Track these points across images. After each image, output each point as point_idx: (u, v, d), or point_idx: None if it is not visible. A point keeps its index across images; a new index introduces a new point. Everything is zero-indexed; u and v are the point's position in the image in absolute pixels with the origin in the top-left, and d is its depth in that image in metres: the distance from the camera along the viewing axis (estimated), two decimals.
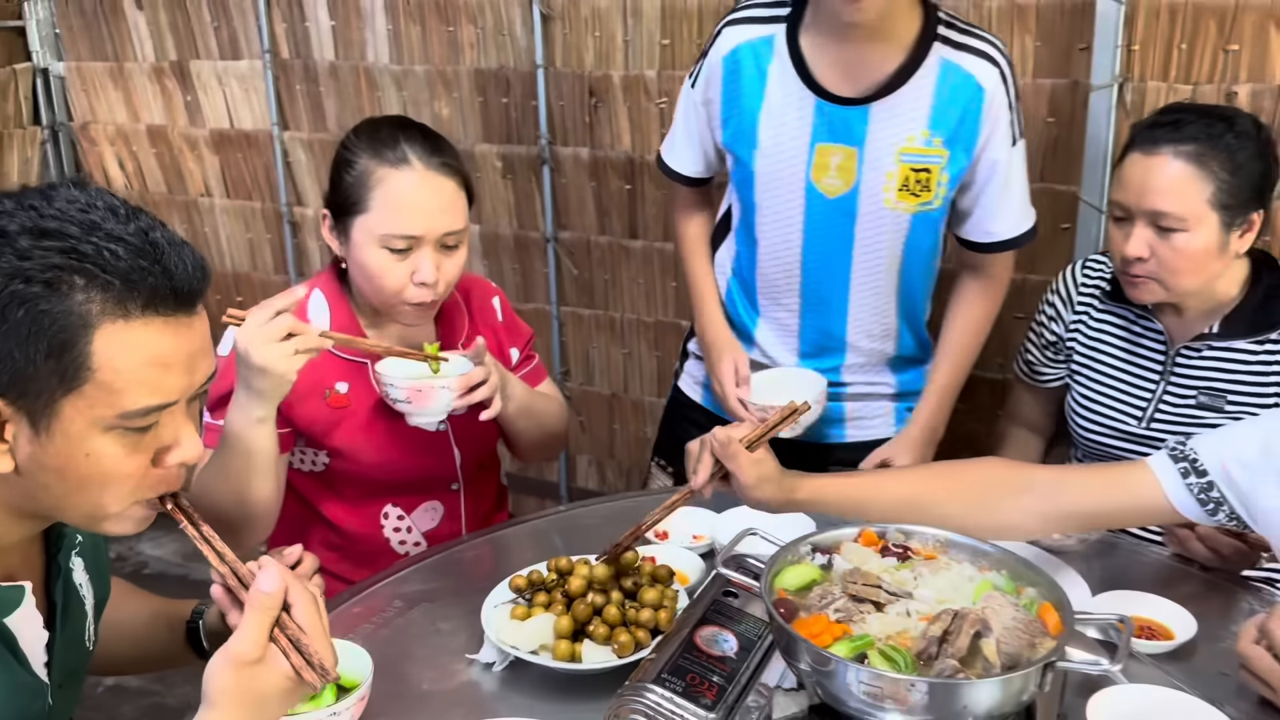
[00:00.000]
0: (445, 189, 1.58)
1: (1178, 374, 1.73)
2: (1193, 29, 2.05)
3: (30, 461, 0.95)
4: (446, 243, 1.58)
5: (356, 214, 1.56)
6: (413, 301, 1.58)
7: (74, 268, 0.91)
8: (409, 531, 1.72)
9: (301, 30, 2.97)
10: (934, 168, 1.73)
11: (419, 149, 1.57)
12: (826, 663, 0.98)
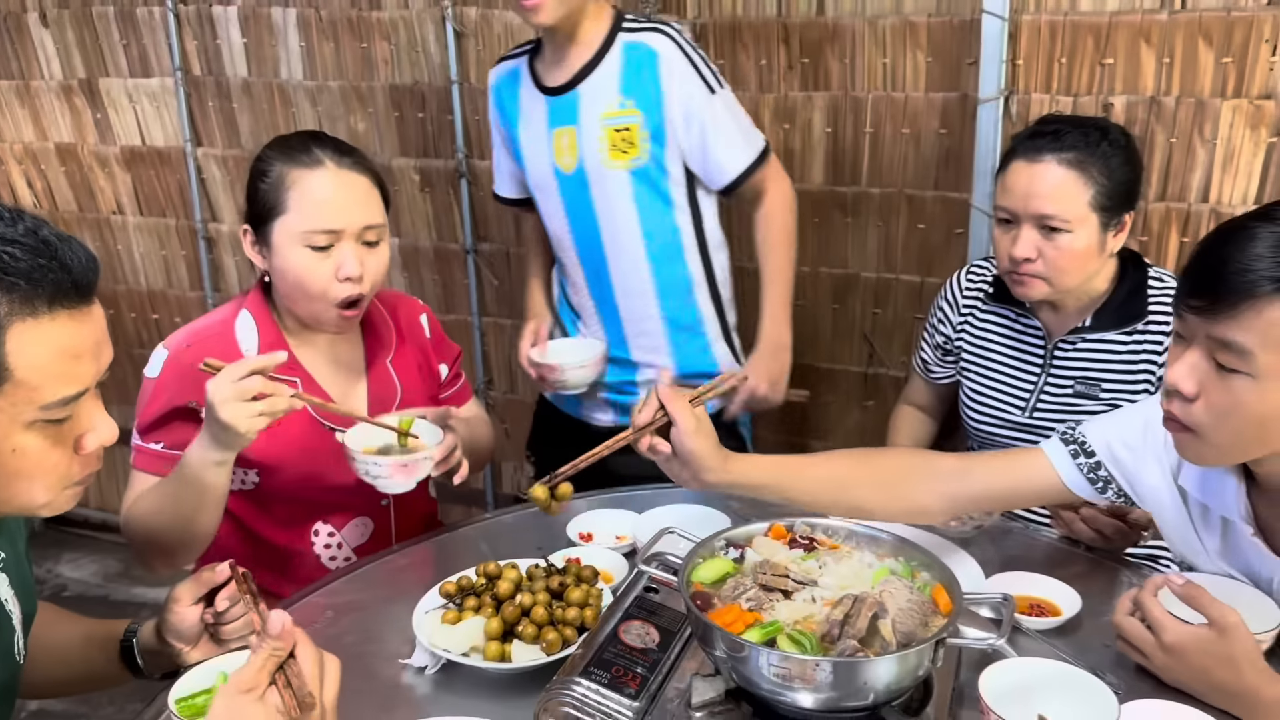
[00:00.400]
0: (359, 184, 1.64)
1: (1056, 366, 1.87)
2: (1071, 44, 2.19)
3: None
4: (367, 238, 1.63)
5: (275, 217, 1.61)
6: (339, 299, 1.61)
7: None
8: (339, 548, 1.76)
9: (213, 47, 2.97)
10: (633, 126, 2.01)
11: (330, 151, 1.63)
12: (740, 648, 1.06)
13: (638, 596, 1.29)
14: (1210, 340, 1.16)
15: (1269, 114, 2.09)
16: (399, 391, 1.77)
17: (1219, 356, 1.16)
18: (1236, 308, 1.13)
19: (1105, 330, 1.83)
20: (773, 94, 2.47)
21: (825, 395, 2.66)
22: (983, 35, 2.20)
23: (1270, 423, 1.16)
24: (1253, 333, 1.13)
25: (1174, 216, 2.21)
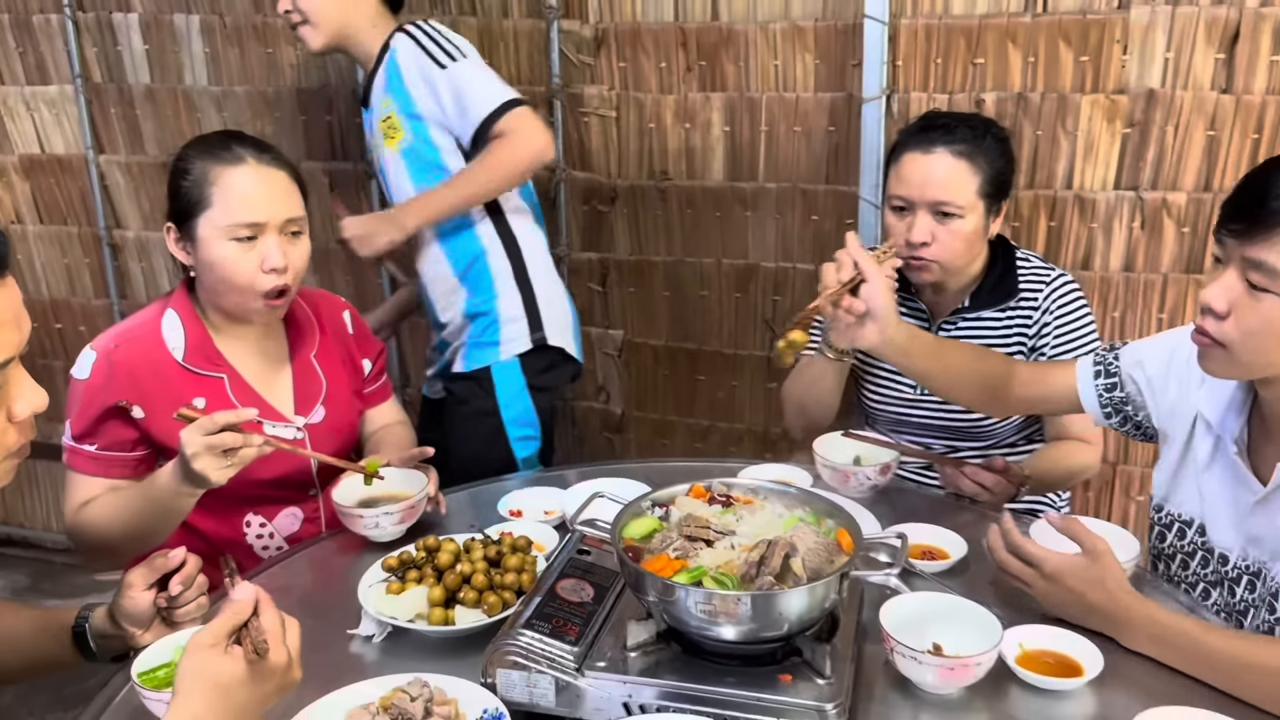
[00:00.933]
0: (279, 179, 1.72)
1: None
2: (946, 45, 2.38)
3: None
4: (289, 230, 1.71)
5: (200, 213, 1.67)
6: (265, 289, 1.69)
7: None
8: (271, 538, 1.82)
9: (114, 54, 2.97)
10: (391, 113, 2.27)
11: (250, 148, 1.71)
12: (670, 591, 1.18)
13: (571, 557, 1.40)
14: (1245, 261, 1.28)
15: (1122, 107, 2.31)
16: (324, 385, 1.84)
17: (1251, 276, 1.28)
18: (1271, 230, 1.26)
19: (982, 309, 2.00)
20: (673, 95, 2.61)
21: (731, 379, 2.80)
22: (865, 38, 2.37)
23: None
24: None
25: (1041, 202, 2.42)
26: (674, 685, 1.19)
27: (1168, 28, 2.24)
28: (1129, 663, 1.34)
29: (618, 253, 2.80)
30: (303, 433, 1.79)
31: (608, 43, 2.62)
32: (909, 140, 1.93)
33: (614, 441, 2.96)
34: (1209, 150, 2.28)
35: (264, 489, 1.79)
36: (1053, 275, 1.98)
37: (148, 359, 1.72)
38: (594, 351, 2.89)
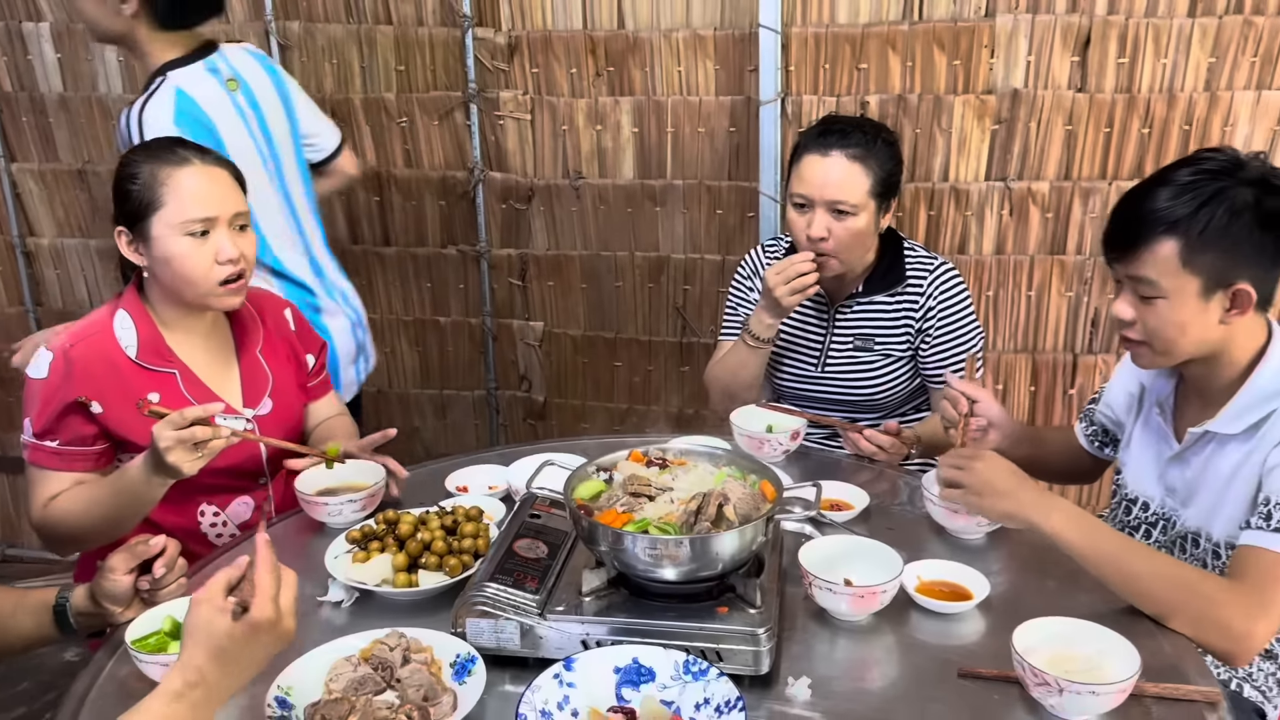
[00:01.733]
0: (223, 176, 1.84)
1: (838, 326, 2.24)
2: (833, 52, 2.60)
3: None
4: (237, 223, 1.83)
5: (152, 213, 1.77)
6: (220, 279, 1.80)
7: None
8: (224, 525, 1.92)
9: (25, 63, 2.99)
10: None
11: (192, 150, 1.83)
12: (620, 539, 1.35)
13: (524, 521, 1.56)
14: (1129, 279, 1.55)
15: (991, 106, 2.56)
16: (270, 379, 1.95)
17: (1139, 289, 1.54)
18: (1137, 250, 1.51)
19: (875, 294, 2.21)
20: (584, 99, 2.77)
21: (646, 365, 2.98)
22: (760, 46, 2.57)
23: (1188, 326, 1.53)
24: (1152, 266, 1.51)
25: (921, 194, 2.66)
26: (626, 622, 1.36)
27: (1029, 34, 2.50)
28: (1008, 589, 1.57)
29: (535, 248, 2.95)
30: (252, 424, 1.89)
31: (520, 49, 2.76)
32: (809, 143, 2.10)
33: (536, 427, 3.11)
34: (1068, 143, 2.56)
35: (216, 478, 1.87)
36: (936, 264, 2.20)
37: (103, 357, 1.80)
38: (515, 342, 3.04)
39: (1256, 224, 1.48)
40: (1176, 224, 1.49)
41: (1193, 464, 1.66)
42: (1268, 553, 1.45)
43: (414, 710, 1.24)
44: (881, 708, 1.33)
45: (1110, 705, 1.26)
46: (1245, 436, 1.57)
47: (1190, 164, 1.54)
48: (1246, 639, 1.41)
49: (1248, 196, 1.48)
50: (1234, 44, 2.41)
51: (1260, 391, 1.56)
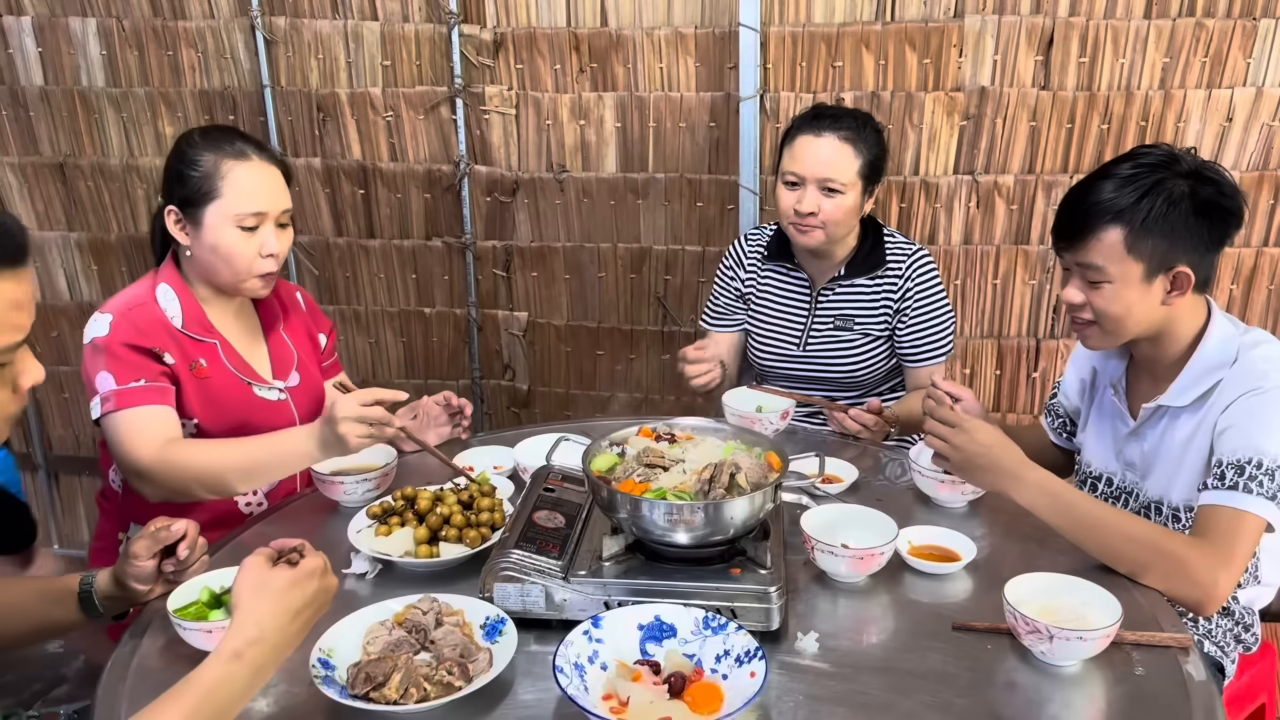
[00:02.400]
0: (277, 175, 1.92)
1: (820, 307, 2.36)
2: (809, 50, 2.70)
3: None
4: (282, 220, 1.91)
5: (209, 201, 1.85)
6: (260, 273, 1.88)
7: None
8: (254, 494, 1.98)
9: (4, 57, 2.99)
10: None
11: (251, 145, 1.90)
12: (639, 506, 1.44)
13: (539, 494, 1.64)
14: (1077, 266, 1.68)
15: (959, 103, 2.68)
16: (294, 354, 2.03)
17: (1086, 275, 1.67)
18: (1085, 239, 1.64)
19: (856, 277, 2.33)
20: (569, 94, 2.84)
21: (628, 353, 3.07)
22: (740, 44, 2.67)
23: (1134, 308, 1.66)
24: (1098, 253, 1.64)
25: (893, 187, 2.78)
26: (645, 584, 1.45)
27: (996, 34, 2.62)
28: (991, 551, 1.68)
29: (520, 240, 3.02)
30: (285, 394, 1.98)
31: (506, 46, 2.83)
32: (802, 125, 2.23)
33: (520, 415, 3.18)
34: (1031, 139, 2.69)
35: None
36: (913, 250, 2.33)
37: (156, 321, 1.88)
38: (499, 332, 3.11)
39: (1192, 212, 1.62)
40: (1120, 214, 1.62)
41: (1149, 438, 1.79)
42: (1225, 509, 1.57)
43: (454, 666, 1.32)
44: (885, 658, 1.43)
45: (1096, 650, 1.38)
46: (1195, 408, 1.70)
47: (1130, 159, 1.68)
48: (1213, 589, 1.53)
49: (1184, 187, 1.62)
50: (1186, 45, 2.55)
51: (1204, 365, 1.69)
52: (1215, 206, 1.63)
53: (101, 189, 3.09)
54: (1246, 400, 1.62)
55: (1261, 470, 1.56)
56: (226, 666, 1.17)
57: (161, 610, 1.50)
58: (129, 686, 1.38)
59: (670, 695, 1.29)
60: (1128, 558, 1.58)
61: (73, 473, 3.46)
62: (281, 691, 1.36)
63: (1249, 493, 1.56)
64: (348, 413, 1.69)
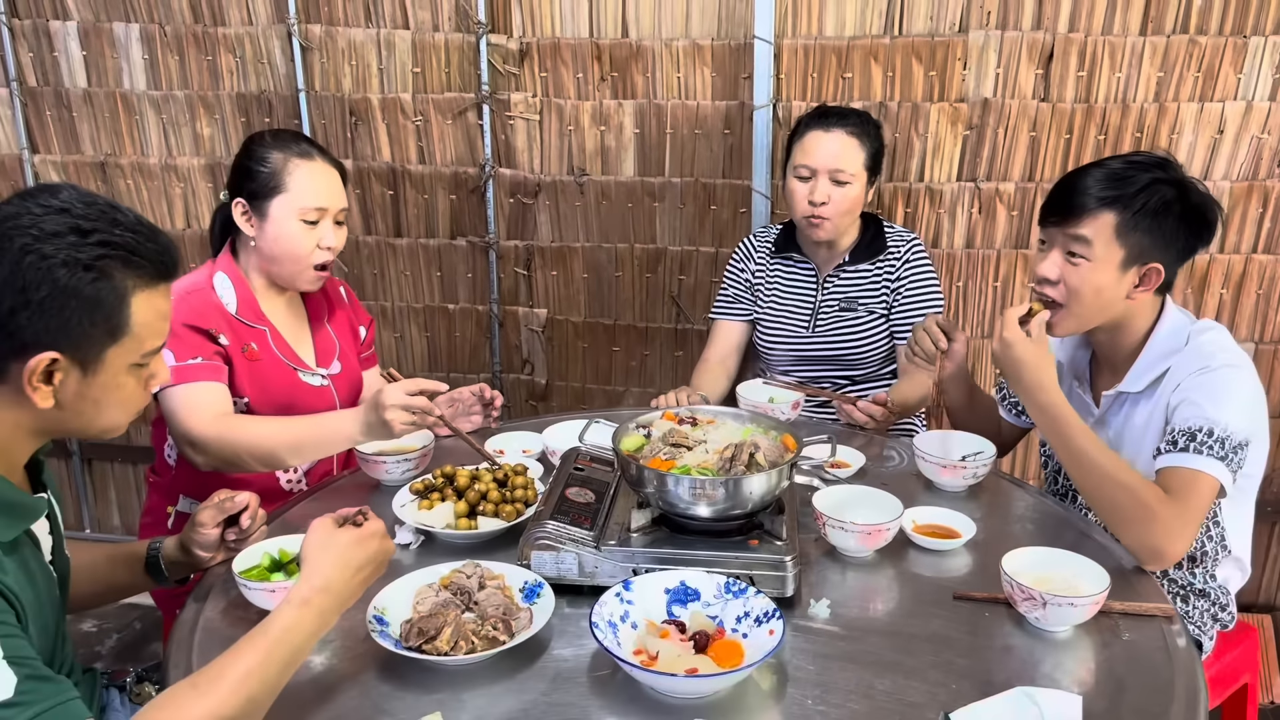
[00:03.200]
0: (336, 176, 2.08)
1: (826, 292, 2.51)
2: (820, 61, 2.83)
3: (75, 398, 1.30)
4: (339, 218, 2.06)
5: (275, 195, 1.99)
6: (318, 264, 2.03)
7: (114, 256, 1.27)
8: (294, 472, 2.11)
9: (50, 59, 3.12)
10: None
11: (314, 147, 2.06)
12: (665, 481, 1.56)
13: (570, 473, 1.76)
14: (1065, 238, 1.80)
15: (963, 113, 2.81)
16: (336, 345, 2.16)
17: (1071, 248, 1.79)
18: (1082, 215, 1.78)
19: (859, 263, 2.49)
20: (590, 102, 2.97)
21: (643, 350, 3.20)
22: (755, 55, 2.80)
23: (1103, 291, 1.80)
24: (1092, 229, 1.77)
25: (899, 193, 2.91)
26: (670, 553, 1.57)
27: (998, 48, 2.75)
28: (989, 530, 1.81)
29: (541, 240, 3.15)
30: (327, 381, 2.11)
31: (531, 55, 2.96)
32: (811, 122, 2.39)
33: (538, 408, 3.31)
34: (1032, 148, 2.82)
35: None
36: (909, 237, 2.51)
37: (212, 306, 2.02)
38: (519, 328, 3.24)
39: (1179, 217, 1.77)
40: (1118, 200, 1.77)
41: (1112, 424, 1.93)
42: (1181, 469, 1.70)
43: (498, 622, 1.44)
44: (891, 623, 1.55)
45: (1086, 616, 1.50)
46: (1149, 392, 1.85)
47: (1124, 158, 1.83)
48: (1173, 543, 1.65)
49: (1174, 192, 1.77)
50: (1180, 60, 2.68)
51: (1156, 353, 1.85)
52: (1199, 217, 1.78)
53: (141, 187, 3.22)
54: (1196, 378, 1.76)
55: (1212, 437, 1.69)
56: (297, 611, 1.30)
57: (222, 575, 1.63)
58: (197, 641, 1.50)
59: (696, 651, 1.41)
60: (1106, 497, 1.70)
61: (105, 459, 3.58)
62: (338, 646, 1.48)
63: (1199, 454, 1.69)
64: (394, 400, 1.82)
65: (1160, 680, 1.42)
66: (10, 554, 1.28)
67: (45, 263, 1.22)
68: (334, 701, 1.37)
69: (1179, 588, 1.95)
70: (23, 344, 1.24)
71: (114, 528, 3.62)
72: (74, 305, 1.24)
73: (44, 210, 1.25)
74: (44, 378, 1.26)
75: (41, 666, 1.18)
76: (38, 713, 1.13)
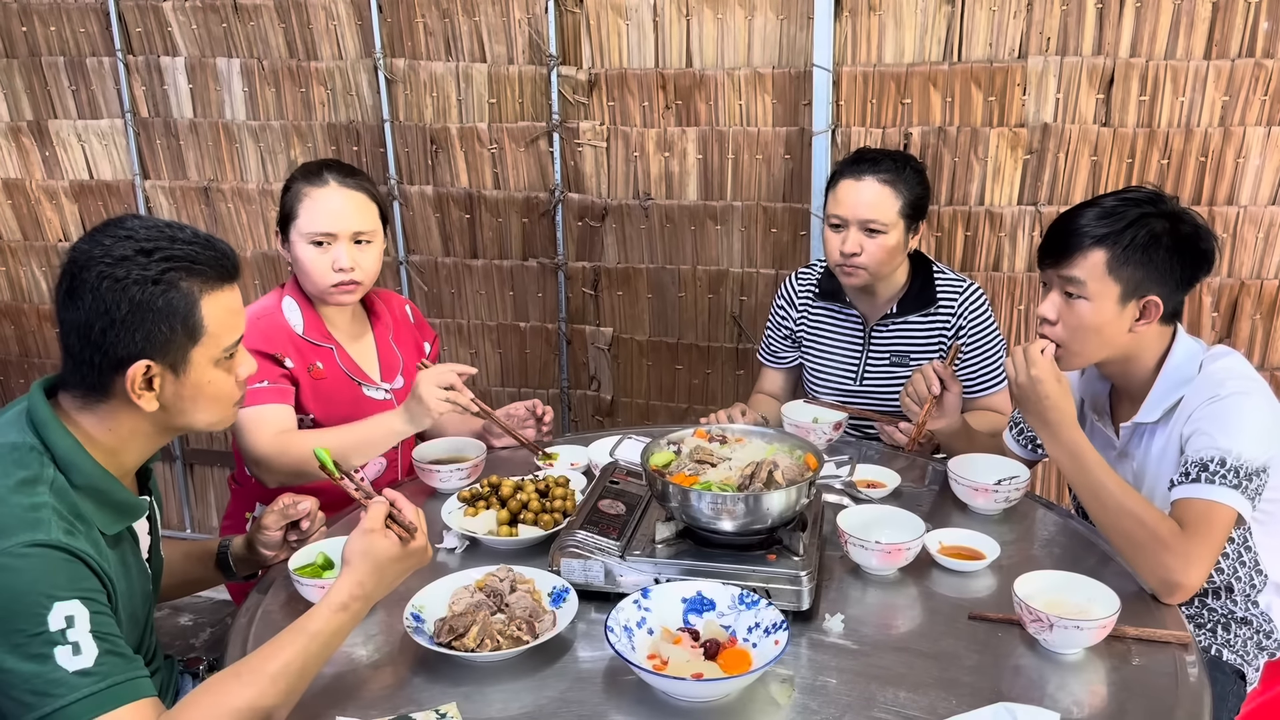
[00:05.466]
0: (355, 198, 2.17)
1: (874, 344, 2.50)
2: (879, 88, 2.88)
3: (174, 398, 1.47)
4: (359, 239, 2.16)
5: (291, 221, 2.15)
6: (333, 284, 2.15)
7: (177, 267, 1.43)
8: (361, 480, 2.25)
9: (160, 92, 3.38)
10: None
11: (336, 173, 2.17)
12: (688, 496, 1.65)
13: (605, 485, 1.86)
14: (1060, 279, 1.85)
15: (1023, 138, 2.83)
16: (400, 360, 2.31)
17: (1068, 289, 1.84)
18: (1072, 255, 1.82)
19: (908, 314, 2.46)
20: (655, 129, 3.08)
21: (705, 368, 3.28)
22: (814, 82, 2.86)
23: (1104, 328, 1.83)
24: (1083, 269, 1.81)
25: (959, 217, 2.93)
26: (691, 564, 1.65)
27: (1058, 73, 2.76)
28: (1017, 553, 1.84)
29: (607, 261, 3.27)
30: (390, 395, 2.25)
31: (599, 85, 3.08)
32: (844, 170, 2.37)
33: (604, 423, 3.42)
34: (1093, 172, 2.81)
35: None
36: (965, 285, 2.45)
37: (280, 329, 2.18)
38: (586, 346, 3.36)
39: (1171, 249, 1.79)
40: (1107, 237, 1.80)
41: (1135, 456, 1.94)
42: (1196, 501, 1.71)
43: (523, 624, 1.55)
44: (902, 640, 1.60)
45: (1094, 640, 1.52)
46: (1165, 422, 1.87)
47: (1117, 195, 1.86)
48: (1186, 576, 1.65)
49: (1165, 225, 1.79)
50: (1246, 84, 2.65)
51: (1169, 382, 1.86)
52: (1191, 246, 1.81)
53: (240, 210, 3.45)
54: (1207, 407, 1.77)
55: (1225, 466, 1.70)
56: (335, 615, 1.42)
57: (284, 571, 1.78)
58: (254, 631, 1.65)
59: (705, 657, 1.49)
60: (1121, 530, 1.72)
61: (205, 464, 3.83)
62: (380, 641, 1.61)
63: (1212, 484, 1.70)
64: (429, 382, 1.98)
65: (1161, 707, 1.44)
66: (113, 547, 1.46)
67: (120, 285, 1.39)
68: (370, 688, 1.50)
69: (1219, 616, 1.94)
70: (118, 359, 1.41)
71: (211, 528, 3.86)
72: (152, 317, 1.41)
73: (113, 240, 1.42)
74: (144, 384, 1.43)
75: (123, 645, 1.34)
76: (110, 685, 1.28)
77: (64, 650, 1.26)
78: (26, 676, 1.25)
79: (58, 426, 1.42)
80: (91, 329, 1.39)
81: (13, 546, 1.28)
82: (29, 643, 1.25)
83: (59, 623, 1.27)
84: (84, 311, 1.39)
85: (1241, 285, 2.79)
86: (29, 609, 1.26)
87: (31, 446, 1.40)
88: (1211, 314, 2.82)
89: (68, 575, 1.31)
